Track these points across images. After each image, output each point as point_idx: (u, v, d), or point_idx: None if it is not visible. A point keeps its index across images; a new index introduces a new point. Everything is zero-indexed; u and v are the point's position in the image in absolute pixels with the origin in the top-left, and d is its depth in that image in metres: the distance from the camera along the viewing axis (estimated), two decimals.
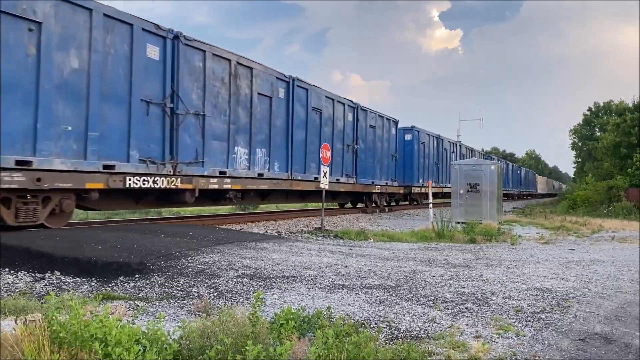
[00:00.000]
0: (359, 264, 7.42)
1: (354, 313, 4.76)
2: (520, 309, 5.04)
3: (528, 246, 10.85)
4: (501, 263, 8.06)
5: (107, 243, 7.45)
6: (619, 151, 34.50)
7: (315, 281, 6.13)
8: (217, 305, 4.90)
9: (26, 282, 6.01)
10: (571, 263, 8.25)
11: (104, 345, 2.88)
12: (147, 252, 7.08)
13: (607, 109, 57.72)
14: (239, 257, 7.39)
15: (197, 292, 5.52)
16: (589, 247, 10.96)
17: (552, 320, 4.66)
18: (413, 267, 7.38)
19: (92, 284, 5.95)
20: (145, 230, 9.19)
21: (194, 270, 6.41)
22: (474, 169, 17.45)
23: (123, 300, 5.19)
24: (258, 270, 6.61)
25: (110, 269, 6.36)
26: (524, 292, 5.81)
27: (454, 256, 8.75)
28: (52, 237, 7.74)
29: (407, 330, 4.29)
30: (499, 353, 3.74)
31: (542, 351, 3.81)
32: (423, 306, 5.09)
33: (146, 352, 2.90)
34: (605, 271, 7.47)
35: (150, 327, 3.09)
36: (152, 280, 6.03)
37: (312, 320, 3.91)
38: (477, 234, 11.81)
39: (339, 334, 3.40)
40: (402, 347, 3.53)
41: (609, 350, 3.91)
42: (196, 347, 3.18)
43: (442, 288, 5.93)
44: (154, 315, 4.50)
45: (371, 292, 5.65)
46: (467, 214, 16.64)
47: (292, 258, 7.66)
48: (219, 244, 8.33)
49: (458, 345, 3.87)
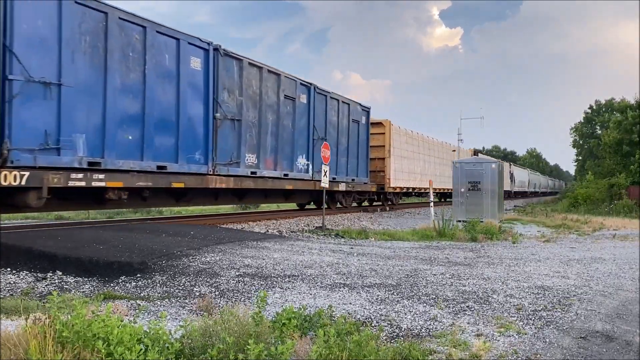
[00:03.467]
0: (360, 263, 7.43)
1: (355, 312, 4.77)
2: (522, 307, 5.05)
3: (529, 244, 10.85)
4: (502, 261, 8.06)
5: (108, 243, 7.47)
6: (621, 149, 34.46)
7: (317, 280, 6.14)
8: (219, 305, 4.91)
9: (28, 282, 6.02)
10: (572, 261, 8.25)
11: (106, 345, 2.89)
12: (148, 251, 7.09)
13: (608, 106, 57.64)
14: (240, 257, 7.40)
15: (198, 291, 5.54)
16: (590, 245, 10.96)
17: (553, 318, 4.67)
18: (414, 265, 7.39)
19: (93, 284, 5.96)
20: (146, 230, 9.20)
21: (195, 270, 6.42)
22: (474, 167, 17.46)
23: (125, 299, 5.20)
24: (259, 270, 6.62)
25: (112, 268, 6.37)
26: (525, 290, 5.82)
27: (455, 255, 8.76)
28: (53, 237, 7.76)
29: (408, 329, 4.29)
30: (500, 351, 3.74)
31: (543, 349, 3.82)
32: (424, 305, 5.09)
33: (148, 351, 2.91)
34: (607, 269, 7.47)
35: (152, 327, 3.10)
36: (153, 279, 6.04)
37: (314, 319, 3.92)
38: (478, 233, 11.80)
39: (341, 332, 3.40)
40: (404, 345, 3.53)
41: (610, 348, 3.91)
42: (198, 346, 3.19)
43: (444, 286, 5.94)
44: (155, 315, 4.51)
45: (372, 290, 5.66)
46: (468, 213, 16.64)
47: (294, 257, 7.67)
48: (220, 243, 8.34)
49: (459, 343, 3.87)
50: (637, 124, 33.37)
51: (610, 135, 35.72)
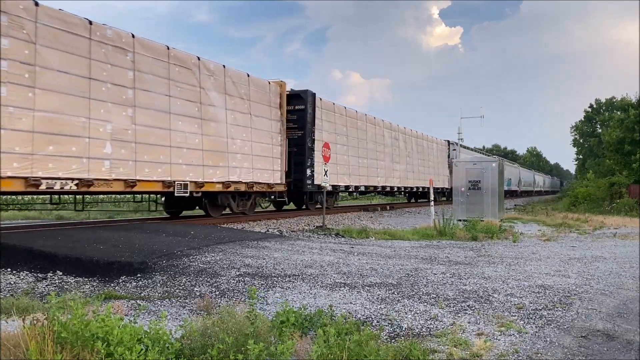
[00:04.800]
0: (361, 262, 7.42)
1: (355, 311, 4.76)
2: (522, 306, 5.04)
3: (530, 243, 10.84)
4: (503, 260, 8.05)
5: (108, 242, 7.47)
6: (622, 147, 34.38)
7: (317, 279, 6.13)
8: (219, 304, 4.91)
9: (28, 282, 6.02)
10: (573, 260, 8.24)
11: (106, 345, 2.88)
12: (148, 251, 7.09)
13: (609, 105, 57.51)
14: (241, 256, 7.40)
15: (198, 291, 5.53)
16: (591, 244, 10.94)
17: (554, 317, 4.66)
18: (415, 265, 7.38)
19: (94, 284, 5.96)
20: (146, 230, 9.20)
21: (195, 270, 6.42)
22: (475, 166, 17.46)
23: (125, 299, 5.20)
24: (260, 269, 6.62)
25: (112, 268, 6.37)
26: (526, 289, 5.81)
27: (455, 254, 8.74)
28: (53, 237, 7.76)
29: (409, 328, 4.29)
30: (501, 350, 3.73)
31: (544, 348, 3.81)
32: (425, 304, 5.08)
33: (148, 351, 2.91)
34: (607, 268, 7.46)
35: (152, 327, 3.10)
36: (154, 279, 6.03)
37: (314, 318, 3.91)
38: (478, 232, 11.79)
39: (341, 332, 3.40)
40: (404, 345, 3.52)
41: (611, 347, 3.91)
42: (198, 346, 3.18)
43: (444, 286, 5.93)
44: (156, 315, 4.51)
45: (373, 290, 5.65)
46: (469, 212, 16.64)
47: (294, 257, 7.67)
48: (220, 243, 8.34)
49: (460, 342, 3.87)
50: (639, 122, 33.29)
51: (611, 134, 35.63)
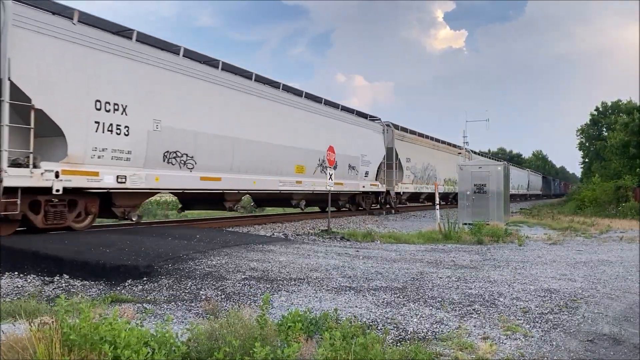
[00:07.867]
0: (366, 266, 7.42)
1: (361, 315, 4.77)
2: (528, 310, 5.03)
3: (535, 247, 10.80)
4: (508, 264, 8.03)
5: (114, 246, 7.50)
6: (627, 150, 34.23)
7: (322, 283, 6.14)
8: (225, 308, 4.92)
9: (35, 285, 6.06)
10: (579, 264, 8.21)
11: (113, 348, 2.90)
12: (154, 255, 7.12)
13: (614, 108, 57.24)
14: (246, 260, 7.41)
15: (204, 294, 5.55)
16: (597, 247, 10.90)
17: (560, 321, 4.64)
18: (420, 268, 7.38)
19: (100, 287, 5.99)
20: (152, 233, 9.24)
21: (201, 273, 6.44)
22: (480, 170, 17.42)
23: (131, 302, 5.22)
24: (265, 273, 6.63)
25: (119, 272, 6.40)
26: (532, 293, 5.79)
27: (461, 257, 8.73)
28: (60, 241, 7.80)
29: (414, 332, 4.28)
30: (507, 354, 3.73)
31: (550, 352, 3.80)
32: (430, 307, 5.08)
33: (155, 354, 2.92)
34: (614, 272, 7.43)
35: (158, 330, 3.11)
36: (160, 283, 6.06)
37: (320, 322, 3.92)
38: (484, 235, 11.77)
39: (346, 335, 3.40)
40: (410, 348, 3.53)
41: (618, 351, 3.89)
42: (204, 349, 3.20)
43: (450, 289, 5.92)
44: (162, 318, 4.53)
45: (378, 293, 5.65)
46: (474, 215, 16.58)
47: (299, 260, 7.68)
48: (226, 247, 8.36)
49: (466, 346, 3.86)
50: None
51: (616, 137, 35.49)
